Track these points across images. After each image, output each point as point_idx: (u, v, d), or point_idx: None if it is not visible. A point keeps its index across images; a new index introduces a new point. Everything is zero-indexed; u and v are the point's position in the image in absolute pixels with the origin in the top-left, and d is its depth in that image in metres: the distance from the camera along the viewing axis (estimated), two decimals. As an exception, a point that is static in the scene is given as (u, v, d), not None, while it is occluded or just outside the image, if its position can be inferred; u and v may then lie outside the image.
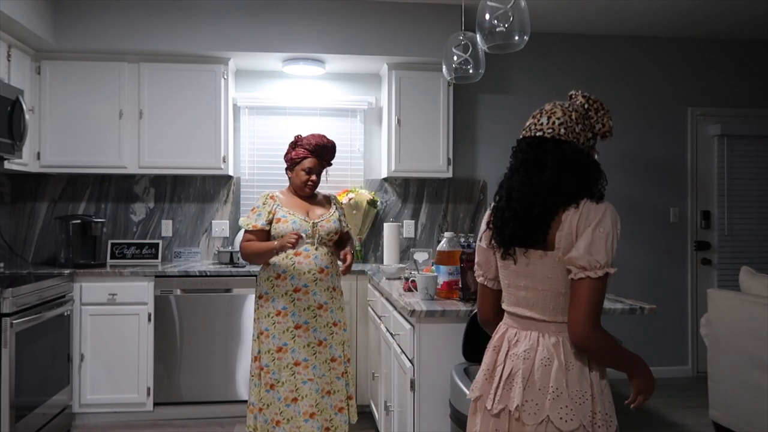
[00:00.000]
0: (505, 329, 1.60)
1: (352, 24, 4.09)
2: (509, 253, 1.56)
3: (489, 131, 4.68)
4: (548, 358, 1.48)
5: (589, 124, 1.60)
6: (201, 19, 3.98)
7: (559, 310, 1.50)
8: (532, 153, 1.56)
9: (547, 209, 1.49)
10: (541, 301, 1.52)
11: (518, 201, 1.53)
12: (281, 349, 2.84)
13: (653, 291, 4.74)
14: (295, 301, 2.85)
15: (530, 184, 1.52)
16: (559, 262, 1.48)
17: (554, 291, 1.50)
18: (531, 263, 1.52)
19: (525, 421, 1.46)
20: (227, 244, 4.42)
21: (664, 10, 4.25)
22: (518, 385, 1.48)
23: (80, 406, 3.71)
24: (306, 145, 2.96)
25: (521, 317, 1.56)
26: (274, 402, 2.83)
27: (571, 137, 1.54)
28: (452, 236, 2.63)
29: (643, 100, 4.84)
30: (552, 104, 1.62)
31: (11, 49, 3.60)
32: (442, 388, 2.27)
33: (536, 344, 1.50)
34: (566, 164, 1.50)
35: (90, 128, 4.00)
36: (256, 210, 2.93)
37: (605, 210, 1.47)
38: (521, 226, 1.51)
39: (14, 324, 2.97)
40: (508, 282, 1.60)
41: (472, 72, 2.89)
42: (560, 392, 1.44)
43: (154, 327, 3.76)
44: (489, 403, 1.53)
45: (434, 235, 4.58)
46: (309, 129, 4.40)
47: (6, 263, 4.03)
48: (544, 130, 1.56)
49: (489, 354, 1.61)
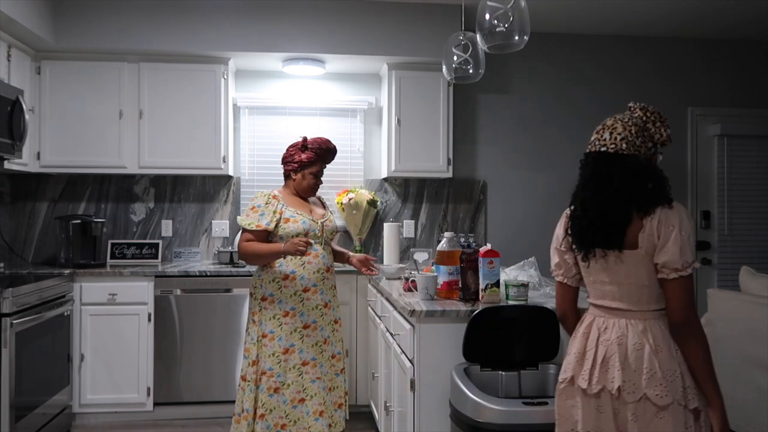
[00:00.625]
0: (592, 319, 1.80)
1: (352, 24, 4.09)
2: (591, 255, 1.76)
3: (489, 131, 4.68)
4: (639, 343, 1.68)
5: (649, 135, 1.79)
6: (201, 19, 3.98)
7: (644, 300, 1.71)
8: (598, 167, 1.76)
9: (622, 216, 1.70)
10: (626, 294, 1.72)
11: (593, 210, 1.74)
12: (288, 350, 2.80)
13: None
14: (303, 301, 2.83)
15: (603, 195, 1.73)
16: (642, 260, 1.69)
17: (638, 284, 1.71)
18: (613, 262, 1.73)
19: (626, 399, 1.66)
20: (227, 244, 4.42)
21: (663, 10, 4.25)
22: (616, 368, 1.68)
23: (80, 406, 3.71)
24: (317, 149, 2.92)
25: (608, 308, 1.76)
26: (278, 406, 2.77)
27: (633, 150, 1.74)
28: (452, 236, 2.63)
29: (643, 100, 4.73)
30: (613, 119, 1.83)
31: (11, 49, 3.61)
32: (442, 388, 2.27)
33: (626, 331, 1.71)
34: (631, 176, 1.71)
35: (90, 128, 4.00)
36: (257, 209, 2.85)
37: (681, 213, 1.69)
38: (600, 232, 1.72)
39: (14, 324, 2.97)
40: (593, 279, 1.80)
41: (472, 72, 2.89)
42: (654, 372, 1.65)
43: (154, 327, 3.76)
44: (584, 383, 1.72)
45: (434, 235, 4.58)
46: (309, 129, 4.40)
47: (6, 263, 4.03)
48: (608, 146, 1.76)
49: (578, 340, 1.79)
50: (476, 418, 1.94)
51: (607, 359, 1.71)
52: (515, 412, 1.91)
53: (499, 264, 2.43)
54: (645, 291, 1.70)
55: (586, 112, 4.78)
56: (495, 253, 2.42)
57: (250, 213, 2.85)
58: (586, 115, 4.78)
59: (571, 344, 1.83)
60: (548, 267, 1.99)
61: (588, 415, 1.72)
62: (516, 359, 2.21)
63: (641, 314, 1.71)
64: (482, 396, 1.96)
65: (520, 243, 4.60)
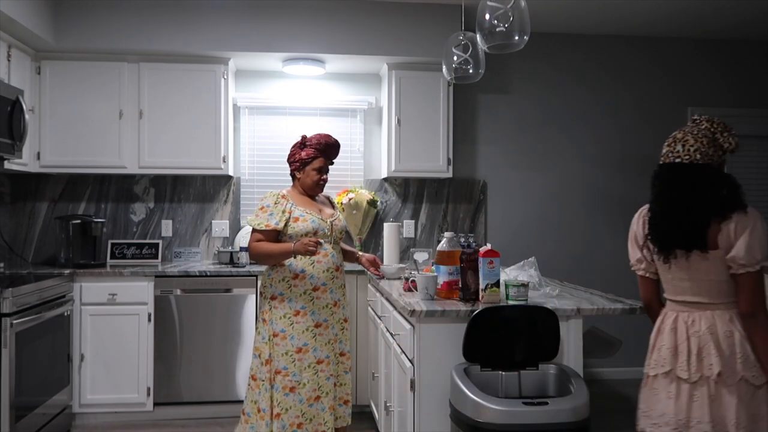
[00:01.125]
0: (675, 314, 2.00)
1: (352, 24, 4.09)
2: (672, 256, 1.96)
3: (489, 131, 4.68)
4: (729, 331, 1.91)
5: (718, 145, 1.98)
6: (201, 19, 3.98)
7: (723, 293, 1.93)
8: (676, 177, 1.96)
9: (701, 221, 1.91)
10: (706, 289, 1.94)
11: (675, 216, 1.94)
12: (301, 349, 2.80)
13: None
14: (314, 300, 2.83)
15: (683, 202, 1.93)
16: (721, 259, 1.90)
17: (717, 280, 1.93)
18: (694, 261, 1.93)
19: (727, 382, 1.87)
20: (227, 244, 4.42)
21: (663, 10, 4.25)
22: (713, 356, 1.89)
23: (80, 406, 3.71)
24: (315, 144, 2.93)
25: (690, 303, 1.97)
26: (294, 405, 2.76)
27: (706, 160, 1.94)
28: (452, 236, 2.63)
29: (643, 100, 4.84)
30: (682, 132, 2.02)
31: (11, 49, 3.60)
32: (442, 388, 2.27)
33: (714, 321, 1.92)
34: (708, 184, 1.92)
35: (90, 128, 4.00)
36: (266, 209, 2.84)
37: (755, 218, 1.91)
38: (683, 235, 1.93)
39: (14, 324, 2.97)
40: (671, 277, 2.01)
41: (472, 72, 2.89)
42: (747, 356, 1.88)
43: (154, 327, 3.76)
44: (684, 374, 1.91)
45: (434, 235, 4.58)
46: (309, 129, 4.40)
47: (6, 263, 4.03)
48: (682, 157, 1.96)
49: (667, 335, 1.99)
50: (476, 418, 1.94)
51: (701, 349, 1.91)
52: (515, 412, 1.91)
53: (499, 264, 2.43)
54: (724, 285, 1.93)
55: (586, 112, 4.78)
56: (495, 253, 2.41)
57: (259, 213, 2.85)
58: (586, 115, 4.79)
59: (657, 339, 2.04)
60: (548, 267, 2.01)
61: (681, 403, 1.91)
62: (516, 359, 2.21)
63: (725, 305, 1.93)
64: (482, 396, 1.96)
65: (520, 243, 4.61)
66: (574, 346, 2.35)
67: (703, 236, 1.90)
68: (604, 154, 4.76)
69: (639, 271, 2.14)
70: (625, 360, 4.71)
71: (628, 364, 4.71)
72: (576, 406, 1.94)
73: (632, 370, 4.72)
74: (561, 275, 4.02)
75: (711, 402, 1.87)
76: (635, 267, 2.16)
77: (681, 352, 1.94)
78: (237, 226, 4.44)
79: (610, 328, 4.70)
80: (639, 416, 2.07)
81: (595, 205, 4.75)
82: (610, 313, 2.42)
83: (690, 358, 1.92)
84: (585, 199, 4.74)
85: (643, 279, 2.15)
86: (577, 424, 1.93)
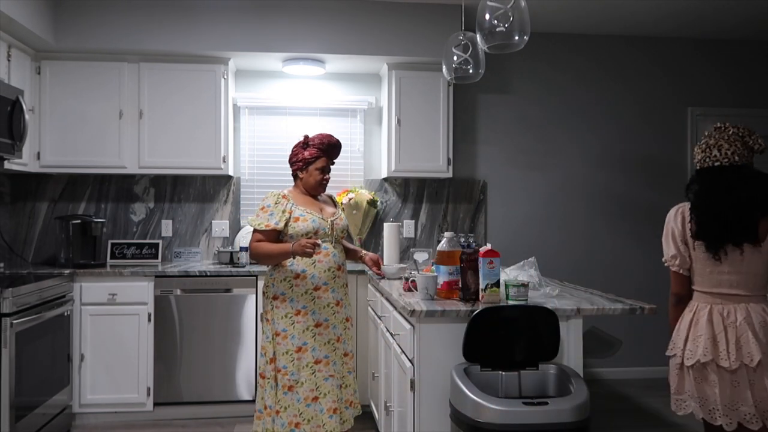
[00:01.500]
0: (708, 306, 2.17)
1: (352, 24, 4.09)
2: (722, 251, 2.13)
3: (489, 131, 4.68)
4: (764, 321, 2.10)
5: (749, 147, 2.18)
6: (201, 19, 3.98)
7: (759, 285, 2.14)
8: (718, 179, 2.16)
9: (751, 216, 2.09)
10: (744, 281, 2.13)
11: (722, 216, 2.11)
12: (300, 349, 2.81)
13: (653, 291, 4.74)
14: (315, 300, 2.84)
15: (730, 201, 2.11)
16: (764, 252, 2.11)
17: (757, 273, 2.13)
18: (746, 255, 2.12)
19: (766, 368, 2.05)
20: (227, 244, 4.42)
21: (664, 10, 4.25)
22: (751, 344, 2.06)
23: (80, 406, 3.71)
24: (318, 144, 2.93)
25: (727, 295, 2.15)
26: (292, 404, 2.78)
27: (744, 161, 2.15)
28: (452, 236, 2.63)
29: (643, 100, 4.84)
30: (713, 139, 2.21)
31: (11, 49, 3.61)
32: (442, 388, 2.27)
33: (749, 312, 2.11)
34: (752, 183, 2.11)
35: (90, 128, 4.00)
36: (266, 209, 2.85)
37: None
38: (733, 231, 2.11)
39: (14, 324, 2.97)
40: (709, 270, 2.18)
41: (472, 72, 2.89)
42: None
43: (154, 327, 3.76)
44: (725, 362, 2.08)
45: (434, 235, 4.58)
46: (309, 129, 4.40)
47: (6, 263, 4.03)
48: (721, 161, 2.16)
49: (704, 326, 2.15)
50: (476, 418, 1.94)
51: (739, 338, 2.08)
52: (515, 412, 1.91)
53: (499, 264, 2.43)
54: (760, 279, 2.13)
55: (586, 111, 4.78)
56: (495, 253, 2.42)
57: (260, 213, 2.85)
58: (587, 114, 4.79)
59: (691, 330, 2.19)
60: (548, 267, 2.02)
61: (725, 389, 2.08)
62: (516, 359, 2.21)
63: (757, 297, 2.13)
64: (482, 396, 1.96)
65: (520, 243, 4.61)
66: (574, 346, 2.35)
67: (754, 230, 2.09)
68: (604, 153, 4.76)
69: (673, 267, 2.28)
70: (625, 360, 4.71)
71: (628, 364, 4.71)
72: (576, 406, 1.94)
73: (632, 370, 4.73)
74: (561, 275, 4.02)
75: (752, 386, 2.06)
76: (669, 263, 2.29)
77: (720, 342, 2.10)
78: (237, 226, 4.44)
79: (610, 328, 4.71)
80: (676, 400, 2.26)
81: (595, 205, 4.75)
82: (610, 313, 2.42)
83: (729, 347, 2.08)
84: (585, 199, 4.74)
85: (676, 275, 2.30)
86: (577, 424, 1.92)
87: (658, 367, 4.83)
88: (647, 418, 3.86)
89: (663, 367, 4.80)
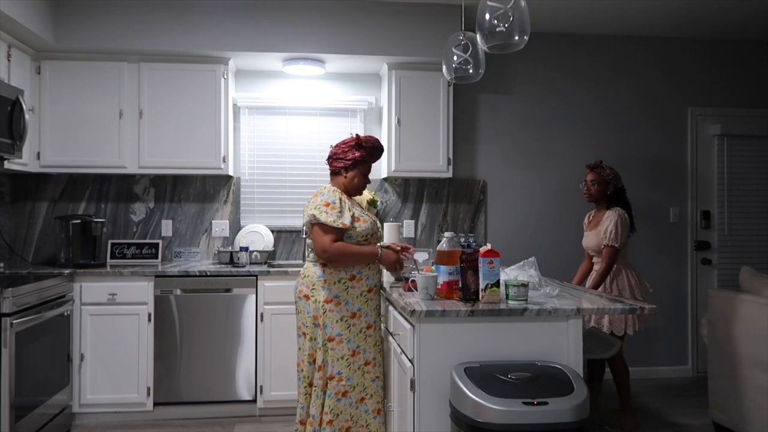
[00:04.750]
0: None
1: (352, 24, 4.09)
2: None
3: (489, 131, 4.68)
4: None
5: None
6: (201, 19, 3.98)
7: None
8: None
9: None
10: None
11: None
12: (355, 352, 2.77)
13: (653, 291, 4.75)
14: (368, 302, 2.83)
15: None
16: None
17: None
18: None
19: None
20: (227, 244, 4.42)
21: (664, 10, 4.25)
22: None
23: (80, 406, 3.71)
24: (369, 148, 2.87)
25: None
26: (345, 409, 2.74)
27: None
28: (452, 236, 2.62)
29: (643, 100, 4.84)
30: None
31: (11, 49, 3.60)
32: (442, 388, 2.27)
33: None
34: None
35: (90, 128, 4.00)
36: (334, 206, 2.71)
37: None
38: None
39: (14, 324, 2.97)
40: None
41: (472, 72, 2.89)
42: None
43: (154, 327, 3.76)
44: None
45: (434, 235, 4.58)
46: (309, 129, 4.41)
47: (6, 263, 4.03)
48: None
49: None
50: (476, 418, 1.94)
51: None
52: (515, 412, 1.91)
53: (499, 264, 2.43)
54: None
55: (586, 111, 4.78)
56: (495, 253, 2.41)
57: (327, 210, 2.71)
58: (587, 114, 4.79)
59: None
60: (548, 267, 2.00)
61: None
62: (516, 359, 2.21)
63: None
64: (482, 396, 1.96)
65: (520, 243, 4.61)
66: (574, 346, 2.35)
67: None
68: (604, 154, 4.75)
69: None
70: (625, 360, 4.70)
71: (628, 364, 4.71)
72: (576, 406, 1.94)
73: (632, 370, 4.72)
74: (561, 275, 4.02)
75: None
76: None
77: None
78: (237, 226, 4.44)
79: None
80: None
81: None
82: (610, 313, 2.42)
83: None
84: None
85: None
86: (577, 424, 1.92)
87: (659, 367, 4.84)
88: (647, 418, 3.86)
89: (663, 367, 4.83)
